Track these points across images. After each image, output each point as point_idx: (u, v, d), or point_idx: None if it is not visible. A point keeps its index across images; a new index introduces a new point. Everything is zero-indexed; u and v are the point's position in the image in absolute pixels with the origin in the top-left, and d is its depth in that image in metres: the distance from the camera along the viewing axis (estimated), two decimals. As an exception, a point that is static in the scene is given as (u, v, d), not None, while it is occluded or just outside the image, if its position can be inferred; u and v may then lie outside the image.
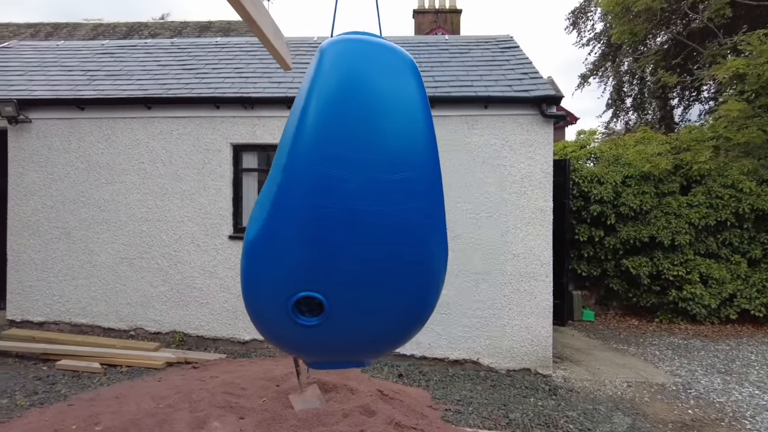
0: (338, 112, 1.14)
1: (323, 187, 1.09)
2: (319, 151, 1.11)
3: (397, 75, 1.21)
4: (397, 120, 1.18)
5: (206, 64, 7.27)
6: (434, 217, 1.23)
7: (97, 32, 16.86)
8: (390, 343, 1.37)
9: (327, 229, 1.10)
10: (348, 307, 1.14)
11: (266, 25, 2.53)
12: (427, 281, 1.25)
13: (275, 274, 1.11)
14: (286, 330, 1.16)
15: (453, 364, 5.71)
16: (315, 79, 1.17)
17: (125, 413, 4.04)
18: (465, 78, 6.37)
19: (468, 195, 5.74)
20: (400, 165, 1.16)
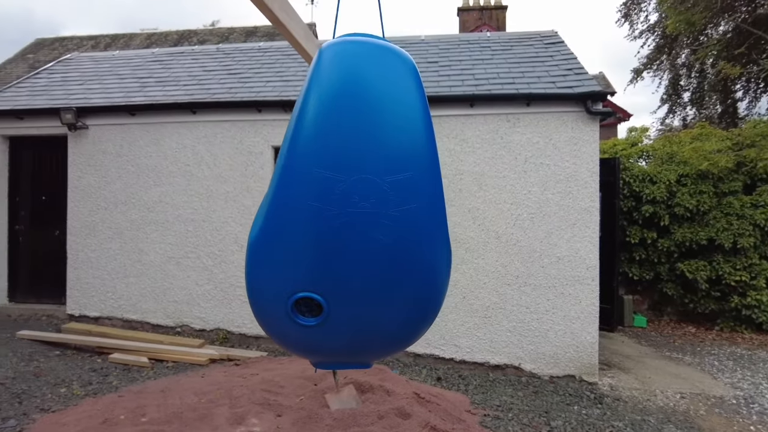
0: (334, 113, 1.12)
1: (320, 188, 1.08)
2: (314, 153, 1.10)
3: (395, 76, 1.19)
4: (394, 121, 1.15)
5: (249, 68, 7.45)
6: (434, 218, 1.19)
7: (151, 41, 17.69)
8: (392, 345, 1.33)
9: (324, 230, 1.08)
10: (348, 308, 1.12)
11: (297, 29, 2.54)
12: (430, 282, 1.20)
13: (275, 275, 1.11)
14: (287, 329, 1.15)
15: (494, 368, 5.57)
16: (312, 80, 1.16)
17: (169, 406, 4.18)
18: (507, 75, 6.21)
19: (509, 195, 5.59)
20: (398, 166, 1.13)
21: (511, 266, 5.57)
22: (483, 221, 5.65)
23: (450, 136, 5.76)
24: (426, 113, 1.19)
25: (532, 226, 5.54)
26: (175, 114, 6.46)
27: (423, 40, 7.97)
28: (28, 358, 5.37)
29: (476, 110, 5.71)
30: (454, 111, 5.76)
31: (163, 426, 3.80)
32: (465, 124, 5.74)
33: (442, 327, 5.69)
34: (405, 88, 1.18)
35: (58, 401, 4.34)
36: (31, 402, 4.29)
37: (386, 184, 1.09)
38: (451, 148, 5.75)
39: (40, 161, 7.08)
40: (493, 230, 5.62)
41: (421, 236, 1.15)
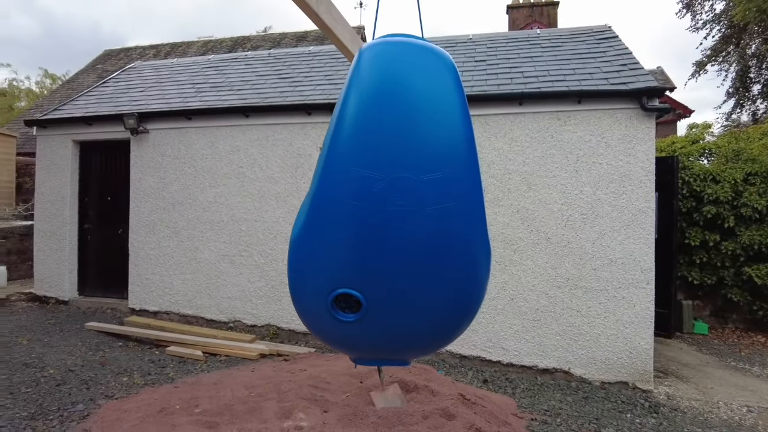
0: (373, 113, 1.14)
1: (358, 187, 1.10)
2: (353, 152, 1.12)
3: (434, 75, 1.19)
4: (432, 120, 1.15)
5: (299, 72, 7.64)
6: (472, 217, 1.18)
7: (207, 48, 18.46)
8: (431, 342, 1.33)
9: (362, 228, 1.09)
10: (386, 305, 1.13)
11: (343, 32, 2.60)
12: (468, 280, 1.19)
13: (315, 271, 1.14)
14: (327, 325, 1.18)
15: (542, 372, 5.43)
16: (352, 81, 1.18)
17: (221, 399, 4.36)
18: (557, 72, 6.05)
19: (560, 195, 5.44)
20: (436, 165, 1.13)
21: (562, 268, 5.42)
22: (532, 222, 5.53)
23: (498, 135, 5.68)
24: (465, 112, 1.18)
25: (583, 227, 5.37)
26: (229, 118, 6.72)
27: (470, 39, 7.90)
28: (95, 347, 5.74)
29: (525, 108, 5.60)
30: (502, 110, 5.67)
31: (215, 417, 3.97)
32: (514, 123, 5.65)
33: (489, 329, 5.61)
34: (443, 88, 1.18)
35: (121, 389, 4.62)
36: (97, 389, 4.59)
37: (423, 182, 1.10)
38: (499, 147, 5.67)
39: (106, 164, 7.55)
40: (543, 231, 5.49)
41: (459, 234, 1.14)
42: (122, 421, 3.89)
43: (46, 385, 4.60)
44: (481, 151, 5.70)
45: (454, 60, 5.38)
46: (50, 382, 4.69)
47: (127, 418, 3.96)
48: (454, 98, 1.18)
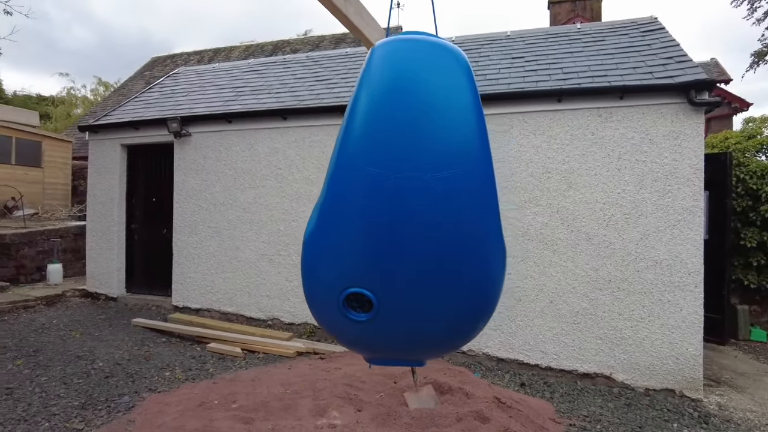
0: (383, 110, 1.12)
1: (369, 185, 1.08)
2: (363, 150, 1.11)
3: (446, 72, 1.16)
4: (444, 118, 1.12)
5: (336, 74, 7.71)
6: (485, 216, 1.13)
7: (249, 52, 18.93)
8: (444, 343, 1.29)
9: (373, 227, 1.08)
10: (398, 305, 1.11)
11: (372, 33, 2.59)
12: (481, 281, 1.15)
13: (328, 269, 1.13)
14: (340, 323, 1.17)
15: (582, 377, 5.26)
16: (363, 78, 1.17)
17: (257, 395, 4.45)
18: (598, 67, 5.85)
19: (601, 194, 5.26)
20: (447, 163, 1.09)
21: (603, 270, 5.23)
22: (573, 222, 5.37)
23: (537, 132, 5.55)
24: (477, 110, 1.15)
25: (626, 227, 5.17)
26: (267, 120, 6.86)
27: (508, 36, 7.76)
28: (140, 342, 5.98)
29: (564, 105, 5.44)
30: (540, 107, 5.54)
31: (251, 413, 4.05)
32: (553, 120, 5.50)
33: (527, 332, 5.49)
34: (456, 84, 1.15)
35: (163, 383, 4.79)
36: (142, 382, 4.78)
37: (435, 180, 1.07)
38: (537, 145, 5.53)
39: (151, 166, 7.86)
40: (584, 231, 5.32)
41: (472, 232, 1.11)
42: (164, 414, 4.03)
43: (95, 377, 4.83)
44: (519, 149, 5.58)
45: (491, 58, 5.29)
46: (99, 374, 4.92)
47: (168, 411, 4.10)
48: (466, 95, 1.15)
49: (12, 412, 4.05)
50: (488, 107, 5.71)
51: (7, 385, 4.56)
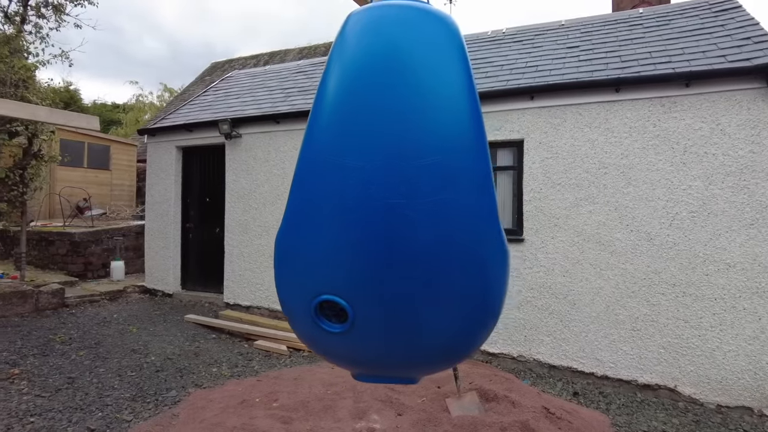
0: (354, 90, 0.96)
1: (337, 177, 0.92)
2: (332, 138, 0.95)
3: (430, 43, 0.96)
4: (426, 95, 0.92)
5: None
6: (479, 211, 0.93)
7: (302, 54, 19.27)
8: (437, 359, 1.11)
9: (344, 224, 0.92)
10: (378, 315, 0.94)
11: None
12: (475, 286, 0.96)
13: (297, 273, 0.99)
14: (314, 334, 1.03)
15: (642, 388, 4.86)
16: (333, 53, 1.01)
17: (299, 394, 4.43)
18: (661, 54, 5.40)
19: (664, 191, 4.84)
20: (431, 148, 0.90)
21: (666, 273, 4.81)
22: (632, 221, 4.98)
23: (592, 125, 5.20)
24: (469, 86, 0.95)
25: (693, 226, 4.72)
26: (312, 119, 6.87)
27: (563, 25, 7.36)
28: (191, 338, 6.16)
29: (622, 95, 5.06)
30: (596, 98, 5.18)
31: (291, 413, 4.03)
32: (609, 112, 5.13)
33: (582, 338, 5.15)
34: (441, 57, 0.95)
35: (210, 379, 4.88)
36: (189, 377, 4.89)
37: (416, 169, 0.89)
38: (593, 139, 5.18)
39: (205, 167, 8.11)
40: (644, 231, 4.92)
41: (462, 232, 0.91)
42: (206, 410, 4.09)
43: (147, 371, 5.00)
44: (573, 143, 5.25)
45: (544, 48, 4.99)
46: (151, 368, 5.09)
47: (212, 407, 4.16)
48: (455, 69, 0.95)
49: (71, 400, 4.25)
50: (539, 100, 5.43)
51: (69, 374, 4.81)
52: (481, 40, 7.51)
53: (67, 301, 7.27)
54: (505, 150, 5.77)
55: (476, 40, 7.59)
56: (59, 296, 7.15)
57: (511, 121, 5.61)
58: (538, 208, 5.45)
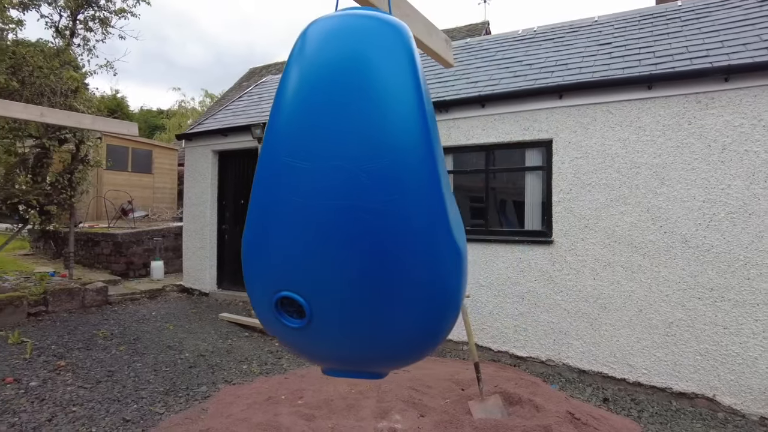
0: (303, 94, 1.00)
1: (286, 178, 0.97)
2: (284, 140, 1.00)
3: (378, 47, 0.99)
4: (372, 99, 0.96)
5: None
6: (430, 212, 0.95)
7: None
8: (397, 356, 1.13)
9: (295, 225, 0.96)
10: (333, 312, 0.99)
11: (416, 24, 2.48)
12: (430, 285, 0.98)
13: (259, 270, 1.05)
14: (277, 328, 1.08)
15: (678, 396, 4.68)
16: (288, 63, 1.06)
17: (323, 392, 4.50)
18: (698, 48, 5.19)
19: (701, 191, 4.65)
20: (376, 152, 0.94)
21: (703, 276, 4.62)
22: (666, 222, 4.80)
23: (623, 124, 5.05)
24: (416, 88, 0.97)
25: (732, 228, 4.51)
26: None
27: (596, 21, 7.18)
28: (224, 336, 6.35)
29: (655, 92, 4.89)
30: (627, 95, 5.03)
31: (314, 410, 4.10)
32: (641, 110, 4.97)
33: (613, 342, 5.00)
34: (389, 60, 0.99)
35: (239, 375, 5.02)
36: (220, 374, 5.05)
37: (363, 172, 0.92)
38: (624, 138, 5.03)
39: (239, 171, 8.35)
40: (679, 233, 4.74)
41: (409, 232, 0.94)
42: (234, 405, 4.22)
43: (181, 367, 5.19)
44: (604, 142, 5.12)
45: (575, 46, 4.92)
46: (184, 364, 5.29)
47: (239, 402, 4.29)
48: (402, 71, 0.98)
49: (110, 392, 4.47)
50: (568, 98, 5.32)
51: (109, 368, 5.06)
52: (511, 39, 7.42)
53: (110, 299, 7.64)
54: (533, 150, 5.68)
55: (506, 39, 7.50)
56: (103, 294, 7.52)
57: (540, 121, 5.52)
58: (567, 209, 5.33)
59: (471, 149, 6.10)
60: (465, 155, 6.21)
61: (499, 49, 7.21)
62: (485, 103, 5.84)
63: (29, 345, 5.49)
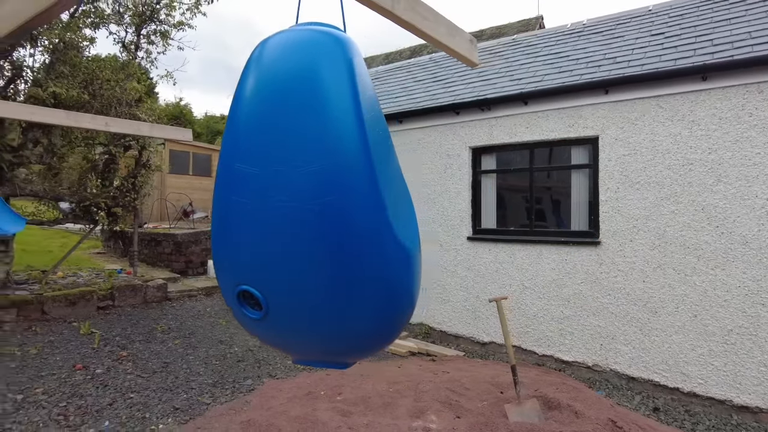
0: (247, 105, 1.07)
1: (237, 182, 1.05)
2: (232, 146, 1.08)
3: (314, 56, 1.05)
4: (309, 107, 1.01)
5: (454, 72, 7.60)
6: (366, 212, 0.99)
7: (389, 59, 19.64)
8: (355, 348, 1.17)
9: (247, 225, 1.04)
10: (286, 306, 1.05)
11: (437, 27, 2.48)
12: (378, 280, 1.01)
13: (223, 266, 1.14)
14: (241, 319, 1.15)
15: (739, 410, 4.37)
16: (240, 78, 1.14)
17: (362, 389, 4.58)
18: (762, 33, 4.82)
19: (762, 188, 4.32)
20: (311, 156, 0.99)
21: (766, 281, 4.29)
22: (723, 222, 4.51)
23: (674, 118, 4.79)
24: (353, 95, 1.01)
25: (799, 228, 4.17)
26: (384, 124, 7.04)
27: (650, 10, 6.82)
28: (272, 332, 6.59)
29: (711, 84, 4.60)
30: (678, 88, 4.76)
31: (351, 407, 4.18)
32: (695, 103, 4.69)
33: (665, 349, 4.75)
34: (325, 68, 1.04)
35: (283, 370, 5.20)
36: (266, 368, 5.26)
37: (301, 176, 0.98)
38: (676, 133, 4.77)
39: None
40: (738, 233, 4.43)
41: (351, 232, 0.99)
42: (275, 399, 4.39)
43: (229, 360, 5.45)
44: (653, 138, 4.87)
45: (625, 38, 4.74)
46: (233, 357, 5.55)
47: (280, 396, 4.45)
48: (340, 80, 1.03)
49: (164, 382, 4.78)
50: (614, 93, 5.11)
51: (165, 360, 5.40)
52: (559, 34, 7.20)
53: (170, 295, 8.12)
54: (578, 148, 5.49)
55: (554, 34, 7.28)
56: (163, 290, 8.01)
57: (585, 117, 5.33)
58: (615, 208, 5.12)
59: (514, 147, 5.98)
60: (508, 154, 6.11)
61: (546, 44, 7.01)
62: (528, 100, 5.71)
63: (97, 336, 5.95)
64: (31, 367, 4.96)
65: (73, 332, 6.18)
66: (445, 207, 6.41)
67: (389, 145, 1.15)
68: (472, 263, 6.16)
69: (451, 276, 6.37)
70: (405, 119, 6.84)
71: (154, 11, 8.36)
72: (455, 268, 6.32)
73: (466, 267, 6.21)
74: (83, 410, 4.09)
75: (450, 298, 6.37)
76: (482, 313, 6.08)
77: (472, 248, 6.18)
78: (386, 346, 1.23)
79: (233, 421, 3.93)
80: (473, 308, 6.18)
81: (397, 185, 1.11)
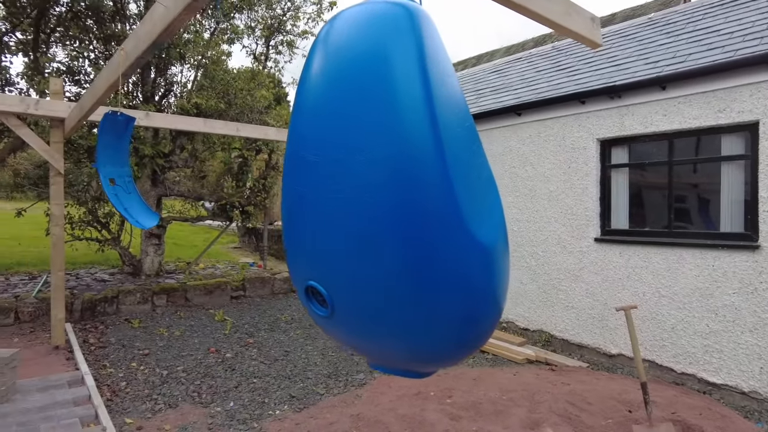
0: (313, 91, 0.96)
1: (300, 171, 0.95)
2: (295, 133, 0.98)
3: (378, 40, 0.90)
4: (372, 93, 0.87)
5: (579, 59, 7.03)
6: (439, 205, 0.83)
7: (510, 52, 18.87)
8: (429, 356, 1.01)
9: (308, 216, 0.94)
10: (349, 304, 0.93)
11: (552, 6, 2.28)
12: (452, 280, 0.84)
13: (293, 260, 1.06)
14: (311, 315, 1.07)
15: None
16: (306, 60, 1.04)
17: (473, 394, 4.42)
18: None
19: None
20: (375, 144, 0.85)
21: None
22: None
23: None
24: (423, 76, 0.86)
25: None
26: (501, 119, 6.76)
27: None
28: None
29: None
30: None
31: (461, 411, 4.05)
32: None
33: None
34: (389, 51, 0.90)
35: (394, 368, 5.23)
36: (377, 364, 5.33)
37: (362, 165, 0.86)
38: None
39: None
40: None
41: (418, 225, 0.84)
42: (384, 395, 4.42)
43: (344, 354, 5.63)
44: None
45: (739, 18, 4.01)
46: (348, 351, 5.72)
47: (389, 393, 4.47)
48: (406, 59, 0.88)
49: (283, 370, 5.09)
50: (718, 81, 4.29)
51: (286, 349, 5.76)
52: (707, 6, 6.27)
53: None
54: (730, 136, 4.72)
55: (700, 7, 6.36)
56: (288, 283, 8.57)
57: (740, 100, 4.55)
58: (780, 206, 4.30)
59: (649, 138, 5.34)
60: (642, 145, 5.47)
61: (690, 20, 6.15)
62: (667, 85, 5.04)
63: (229, 323, 6.55)
64: (174, 347, 5.61)
65: (209, 318, 6.88)
66: (569, 205, 5.94)
67: (468, 129, 1.02)
68: (600, 267, 5.63)
69: (575, 280, 5.88)
70: (524, 111, 6.48)
71: (281, 23, 8.99)
72: (580, 272, 5.83)
73: (593, 271, 5.68)
74: (213, 390, 4.51)
75: (574, 304, 5.88)
76: (611, 322, 5.53)
77: (601, 251, 5.64)
78: (467, 355, 1.11)
79: (344, 414, 4.03)
80: (600, 316, 5.64)
81: (476, 175, 0.98)
